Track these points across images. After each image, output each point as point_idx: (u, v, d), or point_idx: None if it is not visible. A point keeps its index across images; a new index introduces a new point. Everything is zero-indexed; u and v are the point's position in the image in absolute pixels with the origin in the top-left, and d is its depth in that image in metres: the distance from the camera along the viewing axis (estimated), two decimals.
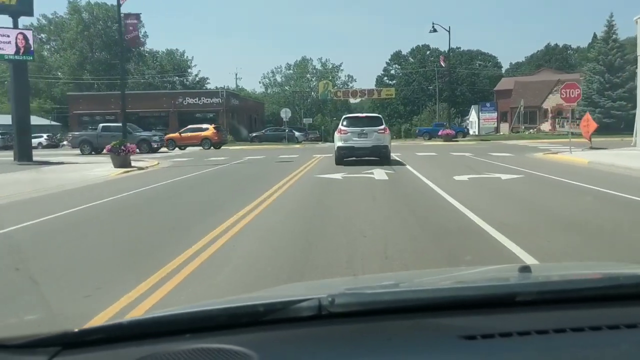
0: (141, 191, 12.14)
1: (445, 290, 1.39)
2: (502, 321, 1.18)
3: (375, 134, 18.57)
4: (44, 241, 6.63)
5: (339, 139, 18.65)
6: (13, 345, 1.12)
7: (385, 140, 18.70)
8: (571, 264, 3.73)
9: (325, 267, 4.90)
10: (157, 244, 6.24)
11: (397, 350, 1.08)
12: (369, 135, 18.55)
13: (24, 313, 3.57)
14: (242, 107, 53.46)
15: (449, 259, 5.25)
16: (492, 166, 16.86)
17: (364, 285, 1.75)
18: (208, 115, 48.21)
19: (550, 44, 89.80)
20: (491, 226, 6.69)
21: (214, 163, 21.39)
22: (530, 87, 50.06)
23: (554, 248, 5.73)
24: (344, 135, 18.56)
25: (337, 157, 18.74)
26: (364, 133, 18.57)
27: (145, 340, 1.12)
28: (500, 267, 2.94)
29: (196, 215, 8.44)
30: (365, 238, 6.19)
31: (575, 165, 17.50)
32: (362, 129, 18.56)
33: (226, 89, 52.09)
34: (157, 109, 47.54)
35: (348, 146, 18.41)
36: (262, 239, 6.33)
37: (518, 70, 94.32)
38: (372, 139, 18.50)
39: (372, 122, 19.06)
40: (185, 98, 48.14)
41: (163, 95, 48.78)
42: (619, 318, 1.18)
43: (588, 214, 8.06)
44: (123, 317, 2.75)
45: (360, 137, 18.54)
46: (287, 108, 45.14)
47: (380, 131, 18.68)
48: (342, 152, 18.55)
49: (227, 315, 1.20)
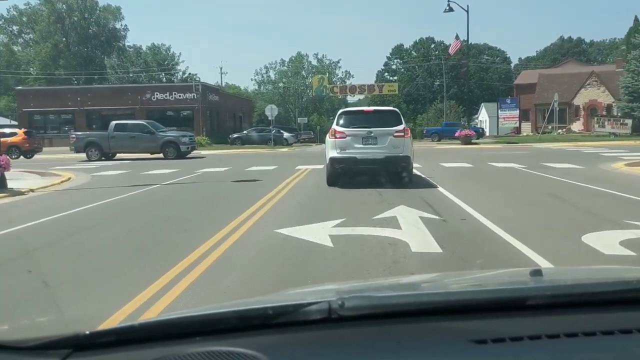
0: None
1: (455, 294, 1.37)
2: (513, 325, 1.16)
3: (390, 138, 11.61)
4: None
5: (333, 146, 11.77)
6: (25, 347, 1.13)
7: (405, 148, 11.74)
8: (583, 268, 3.45)
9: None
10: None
11: (407, 353, 1.08)
12: (380, 139, 11.61)
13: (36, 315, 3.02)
14: (224, 104, 46.31)
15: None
16: (615, 202, 9.18)
17: (374, 288, 1.66)
18: (182, 113, 41.09)
19: (563, 37, 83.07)
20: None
21: (147, 182, 14.27)
22: (557, 81, 43.03)
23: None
24: (341, 141, 11.65)
25: (330, 174, 11.97)
26: (372, 137, 11.63)
27: (157, 342, 1.13)
28: (511, 271, 2.69)
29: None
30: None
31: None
32: (370, 131, 11.60)
33: (202, 82, 44.79)
34: (121, 106, 40.38)
35: (347, 157, 11.56)
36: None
37: (528, 65, 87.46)
38: (386, 147, 11.57)
39: (383, 120, 12.07)
40: (154, 93, 40.92)
41: (128, 90, 41.47)
42: (632, 322, 1.16)
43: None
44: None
45: (366, 144, 11.62)
46: (273, 105, 38.02)
47: (398, 134, 11.69)
48: (336, 167, 11.72)
49: (237, 318, 1.19)
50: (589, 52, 76.81)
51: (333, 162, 11.58)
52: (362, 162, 11.56)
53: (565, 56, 75.06)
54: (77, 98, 40.52)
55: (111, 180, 15.07)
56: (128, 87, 44.19)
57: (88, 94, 40.61)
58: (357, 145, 11.53)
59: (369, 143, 11.59)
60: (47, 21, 76.05)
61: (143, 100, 40.52)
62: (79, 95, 40.72)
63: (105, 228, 7.58)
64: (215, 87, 49.14)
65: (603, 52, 79.86)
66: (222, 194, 11.38)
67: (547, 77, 44.08)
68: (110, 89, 42.69)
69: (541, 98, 43.38)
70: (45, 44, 76.25)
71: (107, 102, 40.21)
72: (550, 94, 43.09)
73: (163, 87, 43.55)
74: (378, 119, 12.10)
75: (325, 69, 78.02)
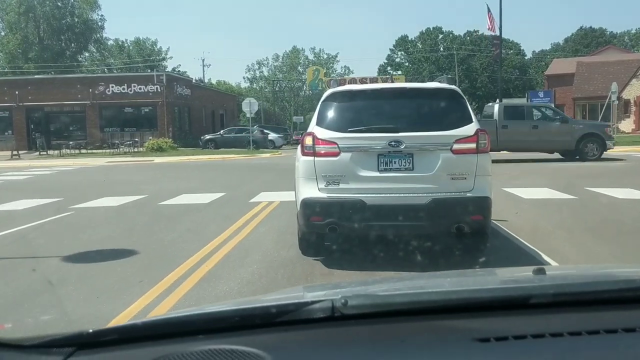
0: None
1: (458, 293, 1.35)
2: (517, 324, 1.16)
3: (443, 155, 4.73)
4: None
5: (307, 174, 4.87)
6: (29, 345, 1.13)
7: (479, 178, 4.74)
8: (586, 266, 3.41)
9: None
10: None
11: (410, 352, 1.08)
12: (421, 159, 4.69)
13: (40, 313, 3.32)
14: (200, 99, 38.78)
15: None
16: None
17: (377, 287, 1.67)
18: (143, 110, 33.58)
19: (583, 27, 75.47)
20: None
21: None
22: (600, 70, 35.53)
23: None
24: (328, 164, 4.80)
25: (302, 236, 5.24)
26: (402, 153, 4.29)
27: (160, 341, 1.12)
28: (514, 269, 2.76)
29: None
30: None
31: None
32: (396, 138, 4.46)
33: (168, 72, 37.20)
34: (69, 101, 32.90)
35: (342, 201, 4.75)
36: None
37: (544, 59, 79.87)
38: (434, 176, 4.72)
39: (428, 113, 5.07)
40: (109, 85, 33.28)
41: (77, 82, 33.82)
42: (635, 321, 1.16)
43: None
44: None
45: (386, 168, 4.65)
46: (252, 98, 30.50)
47: (463, 146, 4.72)
48: (317, 224, 4.78)
49: (240, 317, 1.19)
50: (615, 43, 69.10)
51: (309, 210, 4.82)
52: (379, 212, 4.73)
53: (588, 47, 67.53)
54: (16, 92, 33.04)
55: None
56: (76, 78, 36.35)
57: (28, 86, 33.07)
58: (365, 171, 4.74)
59: (393, 167, 4.68)
60: (17, 11, 68.87)
61: (95, 94, 32.97)
62: (18, 88, 33.21)
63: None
64: (186, 78, 41.41)
65: (634, 41, 72.49)
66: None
67: (588, 66, 36.48)
68: (55, 80, 35.01)
69: (581, 91, 35.89)
70: (14, 36, 69.28)
71: (52, 97, 32.69)
72: (593, 85, 35.65)
73: (119, 77, 35.58)
74: (414, 111, 5.10)
75: (323, 64, 71.14)
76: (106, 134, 32.81)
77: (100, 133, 33.02)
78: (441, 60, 71.96)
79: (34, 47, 70.25)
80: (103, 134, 32.89)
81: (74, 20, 73.17)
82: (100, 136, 32.92)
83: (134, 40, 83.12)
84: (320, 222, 4.72)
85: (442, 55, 72.66)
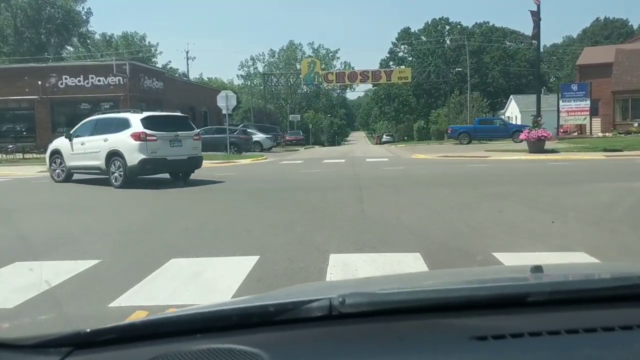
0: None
1: (456, 291, 1.35)
2: (514, 321, 1.17)
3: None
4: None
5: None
6: (26, 345, 1.13)
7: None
8: (583, 264, 3.53)
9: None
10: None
11: (408, 350, 1.09)
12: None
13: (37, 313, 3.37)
14: (175, 93, 33.43)
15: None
16: None
17: (375, 285, 1.65)
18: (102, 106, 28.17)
19: (599, 19, 70.13)
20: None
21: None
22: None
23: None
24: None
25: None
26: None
27: (157, 340, 1.13)
28: (512, 267, 2.74)
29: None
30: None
31: None
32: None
33: (132, 61, 31.63)
34: (15, 96, 27.56)
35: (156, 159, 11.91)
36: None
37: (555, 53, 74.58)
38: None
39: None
40: (62, 77, 27.88)
41: (25, 73, 28.45)
42: (632, 318, 1.16)
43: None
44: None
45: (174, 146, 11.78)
46: (229, 91, 25.12)
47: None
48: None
49: (238, 316, 1.20)
50: (637, 34, 63.79)
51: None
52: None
53: (609, 38, 62.14)
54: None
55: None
56: (23, 68, 30.80)
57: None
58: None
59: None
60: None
61: (46, 87, 27.60)
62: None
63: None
64: (156, 69, 35.95)
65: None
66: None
67: (630, 53, 31.04)
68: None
69: (622, 83, 30.53)
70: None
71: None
72: (636, 77, 30.30)
73: (74, 68, 29.93)
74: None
75: (322, 60, 65.83)
76: (58, 135, 27.46)
77: (52, 134, 27.66)
78: (448, 54, 66.57)
79: (10, 40, 65.20)
80: (55, 136, 27.53)
81: (54, 11, 68.06)
82: (52, 138, 27.56)
83: (122, 35, 78.26)
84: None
85: (449, 49, 67.23)
